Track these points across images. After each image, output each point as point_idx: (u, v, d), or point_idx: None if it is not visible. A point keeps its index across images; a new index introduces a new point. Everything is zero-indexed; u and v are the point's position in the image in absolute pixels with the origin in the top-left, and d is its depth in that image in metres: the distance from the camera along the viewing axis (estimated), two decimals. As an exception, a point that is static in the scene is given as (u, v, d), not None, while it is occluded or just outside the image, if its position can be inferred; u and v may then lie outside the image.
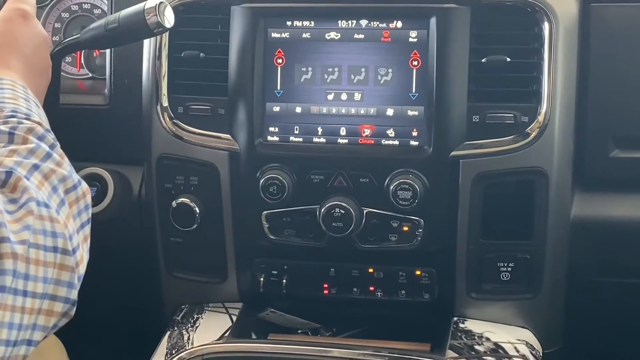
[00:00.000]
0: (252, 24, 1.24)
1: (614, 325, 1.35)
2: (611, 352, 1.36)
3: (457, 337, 1.20)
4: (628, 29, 1.22)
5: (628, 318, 1.34)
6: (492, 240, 1.23)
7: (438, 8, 1.19)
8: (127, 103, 1.33)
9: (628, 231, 1.25)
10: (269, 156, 1.24)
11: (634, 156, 1.24)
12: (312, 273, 1.31)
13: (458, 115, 1.20)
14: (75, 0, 1.43)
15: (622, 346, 1.35)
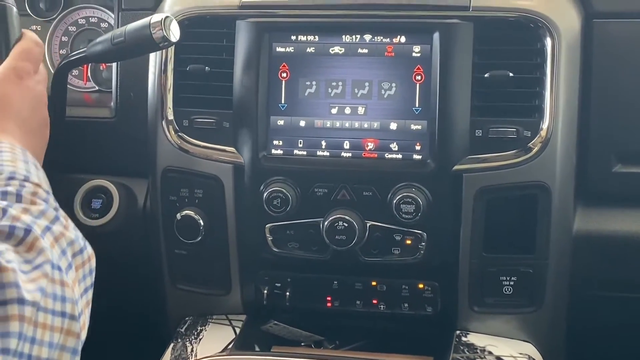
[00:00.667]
0: (257, 38, 1.25)
1: (617, 340, 1.35)
2: None
3: (459, 350, 1.21)
4: (631, 45, 1.22)
5: (631, 333, 1.33)
6: (495, 254, 1.24)
7: (441, 23, 1.20)
8: (133, 116, 1.34)
9: (631, 246, 1.25)
10: (272, 169, 1.24)
11: (637, 171, 1.23)
12: (315, 286, 1.31)
13: (461, 130, 1.21)
14: (82, 14, 1.44)
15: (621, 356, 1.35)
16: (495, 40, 1.22)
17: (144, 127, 1.32)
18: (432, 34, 1.20)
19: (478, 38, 1.21)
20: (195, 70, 1.29)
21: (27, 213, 0.72)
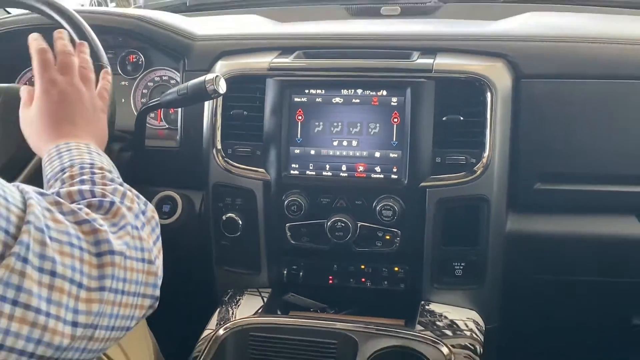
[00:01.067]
0: (280, 92, 1.25)
1: (538, 307, 1.35)
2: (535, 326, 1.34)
3: (424, 315, 1.22)
4: (546, 97, 1.24)
5: (548, 302, 1.35)
6: (449, 246, 1.24)
7: (412, 82, 1.21)
8: (193, 146, 1.35)
9: (546, 241, 1.28)
10: (291, 185, 1.25)
11: (552, 188, 1.25)
12: (320, 268, 1.32)
13: (425, 158, 1.21)
14: (158, 74, 1.47)
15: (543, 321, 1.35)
16: (450, 93, 1.21)
17: (200, 154, 1.33)
18: (406, 89, 1.20)
19: (438, 92, 1.21)
20: (237, 114, 1.30)
21: (105, 191, 0.72)
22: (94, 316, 0.57)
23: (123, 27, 1.43)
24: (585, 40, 1.27)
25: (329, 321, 1.22)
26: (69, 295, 0.54)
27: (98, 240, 0.59)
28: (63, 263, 0.54)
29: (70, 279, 0.54)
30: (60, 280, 0.53)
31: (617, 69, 1.22)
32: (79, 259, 0.56)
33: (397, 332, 1.17)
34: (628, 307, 1.37)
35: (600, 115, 1.24)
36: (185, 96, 1.21)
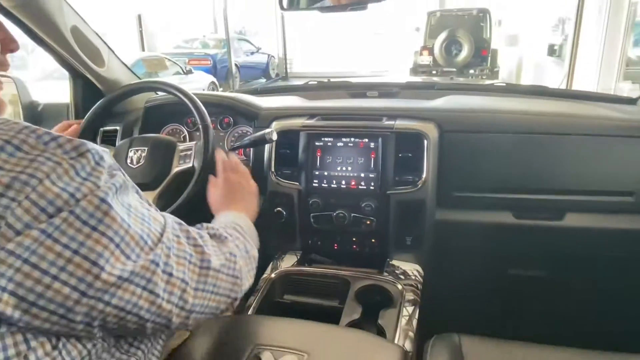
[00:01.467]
0: (307, 139, 1.27)
1: (452, 262, 1.34)
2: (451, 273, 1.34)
3: (388, 267, 1.23)
4: (459, 142, 1.25)
5: (457, 259, 1.34)
6: (403, 227, 1.24)
7: (382, 134, 1.22)
8: (259, 169, 1.35)
9: (458, 225, 1.28)
10: (313, 192, 1.27)
11: (461, 195, 1.26)
12: (329, 239, 1.32)
13: (390, 177, 1.22)
14: (239, 129, 1.43)
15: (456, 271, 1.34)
16: (404, 141, 1.22)
17: (262, 174, 1.33)
18: (379, 138, 1.22)
19: (397, 140, 1.22)
20: (283, 152, 1.31)
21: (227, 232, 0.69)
22: (192, 305, 0.54)
23: (222, 103, 1.44)
24: (481, 111, 1.28)
25: (334, 270, 1.23)
26: (178, 289, 0.51)
27: (203, 259, 0.56)
28: (177, 269, 0.51)
29: (181, 279, 0.52)
30: (174, 279, 0.50)
31: (500, 127, 1.23)
32: (188, 269, 0.53)
33: (372, 276, 1.18)
34: (504, 262, 1.36)
35: (490, 152, 1.23)
36: (255, 141, 1.23)
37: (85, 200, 0.41)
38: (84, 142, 0.43)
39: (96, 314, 0.43)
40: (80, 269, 0.40)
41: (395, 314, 1.05)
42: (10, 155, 0.39)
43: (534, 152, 1.21)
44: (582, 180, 1.19)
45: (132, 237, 0.45)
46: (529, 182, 1.22)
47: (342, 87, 1.65)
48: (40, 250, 0.38)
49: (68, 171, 0.41)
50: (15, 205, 0.37)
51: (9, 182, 0.37)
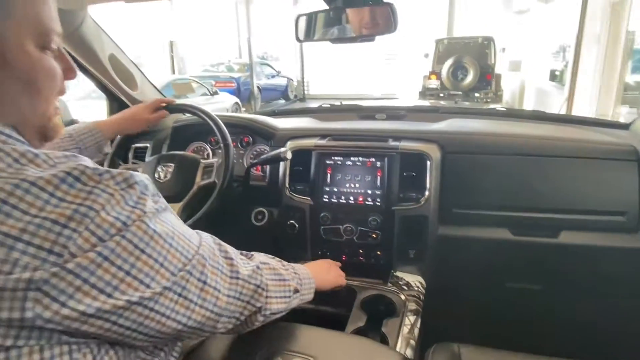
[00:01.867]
0: (319, 158, 1.28)
1: (453, 274, 1.32)
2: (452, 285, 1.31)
3: (392, 278, 1.22)
4: (460, 163, 1.24)
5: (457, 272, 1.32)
6: (407, 241, 1.23)
7: (387, 154, 1.22)
8: (274, 185, 1.37)
9: (458, 240, 1.26)
10: (323, 206, 1.26)
11: (462, 211, 1.25)
12: (338, 251, 1.28)
13: (395, 195, 1.21)
14: (257, 147, 1.44)
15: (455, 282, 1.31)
16: (408, 160, 1.22)
17: (277, 189, 1.34)
18: (385, 158, 1.23)
19: (402, 160, 1.22)
20: (297, 170, 1.31)
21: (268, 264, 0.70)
22: (222, 309, 0.56)
23: (242, 123, 1.46)
24: (481, 134, 1.28)
25: None
26: (211, 295, 0.53)
27: (232, 270, 0.59)
28: (211, 278, 0.53)
29: (214, 287, 0.54)
30: (207, 287, 0.53)
31: (499, 149, 1.22)
32: (220, 278, 0.55)
33: (377, 287, 1.18)
34: (502, 275, 1.32)
35: (489, 172, 1.22)
36: (271, 159, 1.24)
37: (135, 225, 0.43)
38: (133, 173, 0.46)
39: (141, 319, 0.45)
40: (130, 287, 0.43)
41: (398, 323, 1.04)
42: (70, 187, 0.41)
43: (531, 173, 1.20)
44: (576, 200, 1.18)
45: (173, 254, 0.47)
46: (525, 201, 1.20)
47: (352, 110, 1.65)
48: (98, 271, 0.40)
49: (120, 201, 0.43)
50: (76, 236, 0.39)
51: (71, 214, 0.40)
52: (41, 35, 0.47)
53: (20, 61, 0.45)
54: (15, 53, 0.44)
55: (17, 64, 0.45)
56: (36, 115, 0.49)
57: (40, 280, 0.38)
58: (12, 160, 0.41)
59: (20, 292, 0.37)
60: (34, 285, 0.38)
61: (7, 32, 0.43)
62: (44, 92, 0.48)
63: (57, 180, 0.40)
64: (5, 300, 0.37)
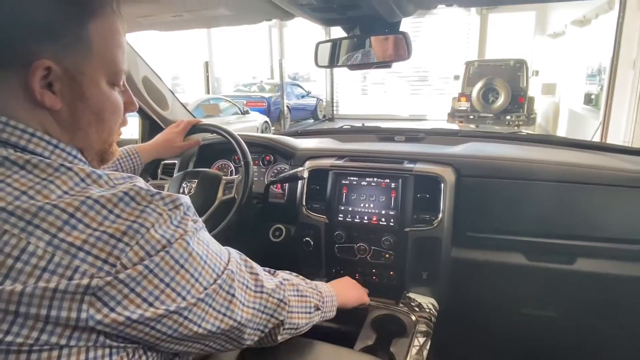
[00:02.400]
0: (335, 178, 1.30)
1: (465, 298, 1.31)
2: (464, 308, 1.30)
3: (404, 299, 1.22)
4: (475, 186, 1.24)
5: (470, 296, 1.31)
6: (420, 262, 1.23)
7: (401, 176, 1.24)
8: (292, 202, 1.39)
9: (471, 263, 1.26)
10: (338, 225, 1.28)
11: (475, 235, 1.25)
12: (352, 269, 1.30)
13: (408, 215, 1.22)
14: (278, 166, 1.49)
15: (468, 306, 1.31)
16: (422, 182, 1.23)
17: (295, 206, 1.37)
18: (399, 179, 1.24)
19: (416, 181, 1.23)
20: (314, 188, 1.33)
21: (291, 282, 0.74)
22: (248, 320, 0.59)
23: (264, 143, 1.50)
24: (496, 158, 1.27)
25: None
26: (238, 308, 0.57)
27: (257, 284, 0.62)
28: (238, 292, 0.57)
29: (239, 300, 0.57)
30: (235, 300, 0.56)
31: (514, 173, 1.22)
32: (246, 292, 0.59)
33: (389, 306, 1.18)
34: (517, 301, 1.31)
35: (504, 196, 1.22)
36: (289, 178, 1.28)
37: (177, 243, 0.48)
38: (179, 196, 0.51)
39: (176, 327, 0.49)
40: (169, 298, 0.47)
41: (407, 344, 1.04)
42: (127, 205, 0.46)
43: (546, 198, 1.19)
44: (593, 226, 1.15)
45: (207, 270, 0.52)
46: (541, 226, 1.19)
47: (372, 131, 1.68)
48: (144, 282, 0.45)
49: (167, 221, 0.48)
50: (128, 250, 0.44)
51: (125, 230, 0.45)
52: (113, 75, 0.54)
53: (95, 96, 0.52)
54: (92, 89, 0.51)
55: (92, 98, 0.52)
56: (100, 141, 0.55)
57: (96, 287, 0.43)
58: (79, 179, 0.47)
59: (79, 296, 0.42)
60: (91, 290, 0.42)
61: (88, 70, 0.50)
62: (109, 123, 0.55)
63: (116, 199, 0.46)
64: (66, 302, 0.42)
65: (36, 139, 0.48)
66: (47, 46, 0.47)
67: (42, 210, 0.43)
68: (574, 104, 7.58)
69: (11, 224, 0.42)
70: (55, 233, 0.43)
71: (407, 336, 1.07)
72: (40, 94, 0.48)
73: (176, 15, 1.08)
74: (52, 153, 0.49)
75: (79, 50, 0.49)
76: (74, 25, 0.48)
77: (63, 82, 0.49)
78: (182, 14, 1.07)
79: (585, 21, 7.41)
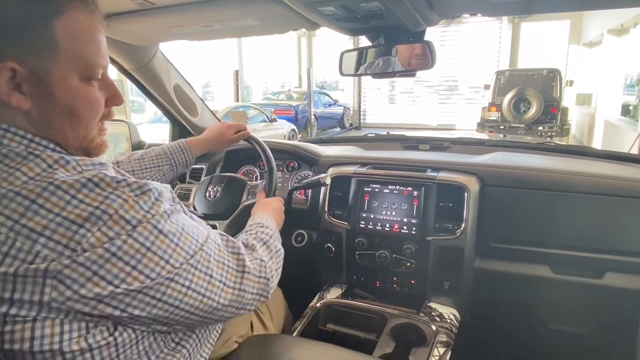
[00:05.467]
0: (358, 185, 1.31)
1: (489, 310, 1.30)
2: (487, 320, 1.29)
3: (425, 308, 1.22)
4: (499, 196, 1.23)
5: (494, 308, 1.30)
6: (442, 272, 1.23)
7: (424, 184, 1.24)
8: (314, 208, 1.41)
9: (496, 274, 1.24)
10: (360, 232, 1.28)
11: (500, 246, 1.24)
12: (372, 277, 1.32)
13: (430, 224, 1.23)
14: (302, 172, 1.52)
15: (491, 319, 1.30)
16: (445, 191, 1.23)
17: (317, 213, 1.39)
18: (422, 187, 1.24)
19: (439, 190, 1.23)
20: (336, 195, 1.35)
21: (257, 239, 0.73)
22: (229, 301, 0.58)
23: (289, 150, 1.52)
24: (521, 168, 1.26)
25: (374, 306, 1.23)
26: (218, 288, 0.56)
27: (240, 263, 0.61)
28: (216, 272, 0.56)
29: (219, 280, 0.57)
30: (214, 280, 0.56)
31: (539, 184, 1.20)
32: (227, 272, 0.58)
33: (410, 315, 1.18)
34: (544, 316, 1.29)
35: (529, 207, 1.20)
36: (311, 184, 1.25)
37: (141, 226, 0.48)
38: (147, 182, 0.51)
39: (150, 308, 0.49)
40: (136, 280, 0.47)
41: (427, 353, 1.04)
42: (90, 191, 0.46)
43: (575, 210, 1.16)
44: (624, 240, 1.12)
45: (179, 251, 0.51)
46: (567, 238, 1.17)
47: (396, 139, 1.69)
48: (107, 265, 0.45)
49: (133, 206, 0.48)
50: (90, 235, 0.45)
51: (87, 216, 0.45)
52: (86, 70, 0.52)
53: (64, 94, 0.50)
54: (61, 88, 0.50)
55: (62, 97, 0.50)
56: (77, 138, 0.54)
57: (55, 270, 0.43)
58: (47, 165, 0.47)
59: (40, 279, 0.43)
60: (51, 274, 0.43)
61: (55, 69, 0.49)
62: (84, 118, 0.53)
63: (79, 185, 0.46)
64: (28, 285, 0.43)
65: (10, 134, 0.49)
66: (11, 48, 0.46)
67: (5, 197, 0.44)
68: (610, 115, 7.31)
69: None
70: (17, 219, 0.44)
71: (426, 346, 1.06)
72: (8, 95, 0.47)
73: (207, 26, 1.11)
74: (28, 147, 0.49)
75: (45, 50, 0.48)
76: (39, 25, 0.47)
77: (30, 83, 0.48)
78: (212, 25, 1.10)
79: (623, 30, 7.17)
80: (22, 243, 0.43)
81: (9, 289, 0.43)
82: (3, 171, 0.46)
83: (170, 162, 1.09)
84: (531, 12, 1.11)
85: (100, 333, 0.48)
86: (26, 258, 0.43)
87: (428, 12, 0.95)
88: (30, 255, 0.43)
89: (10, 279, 0.43)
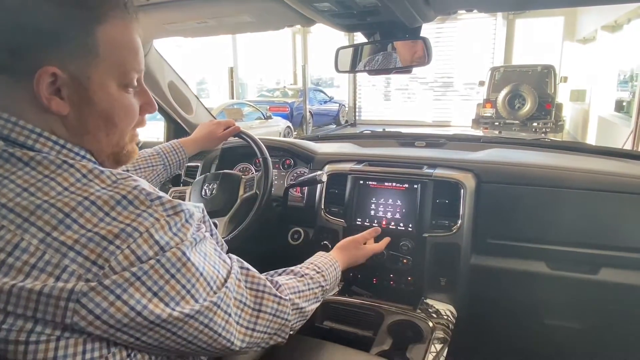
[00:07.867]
0: (354, 182, 1.30)
1: (484, 306, 1.29)
2: (483, 316, 1.29)
3: (422, 304, 1.21)
4: (495, 192, 1.22)
5: (489, 304, 1.30)
6: (438, 268, 1.22)
7: (421, 181, 1.23)
8: (310, 206, 1.40)
9: (491, 270, 1.24)
10: (356, 229, 1.25)
11: (496, 242, 1.24)
12: (369, 274, 1.30)
13: (427, 221, 1.22)
14: (298, 169, 1.53)
15: (487, 315, 1.30)
16: (442, 188, 1.22)
17: (313, 210, 1.38)
18: (418, 184, 1.23)
19: (435, 187, 1.23)
20: (333, 192, 1.34)
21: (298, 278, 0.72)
22: (241, 341, 0.56)
23: (284, 147, 1.52)
24: (517, 165, 1.26)
25: (371, 303, 1.22)
26: (234, 328, 0.55)
27: (257, 301, 0.59)
28: (235, 312, 0.55)
29: (236, 321, 0.55)
30: (231, 319, 0.54)
31: (535, 180, 1.20)
32: (243, 310, 0.57)
33: (406, 312, 1.17)
34: (540, 311, 1.29)
35: (525, 203, 1.20)
36: (307, 181, 1.29)
37: (171, 251, 0.46)
38: (181, 202, 0.49)
39: (163, 339, 0.48)
40: (157, 308, 0.46)
41: (424, 350, 1.04)
42: (124, 208, 0.45)
43: (570, 206, 1.16)
44: (619, 236, 1.12)
45: (201, 283, 0.49)
46: (562, 234, 1.17)
47: (392, 136, 1.68)
48: (131, 289, 0.44)
49: (164, 226, 0.46)
50: (118, 252, 0.43)
51: (118, 233, 0.44)
52: (123, 76, 0.52)
53: (103, 100, 0.51)
54: (100, 93, 0.50)
55: (100, 103, 0.51)
56: (110, 144, 0.54)
57: (80, 293, 0.42)
58: (81, 175, 0.47)
59: (63, 302, 0.42)
60: (75, 296, 0.42)
61: (95, 75, 0.49)
62: (120, 125, 0.54)
63: (114, 202, 0.45)
64: (50, 307, 0.42)
65: (43, 139, 0.48)
66: (52, 53, 0.47)
67: (40, 208, 0.43)
68: (604, 111, 7.36)
69: (9, 220, 0.43)
70: (49, 231, 0.43)
71: (423, 342, 1.06)
72: (48, 100, 0.48)
73: (201, 22, 1.11)
74: (59, 153, 0.49)
75: (85, 55, 0.48)
76: (80, 31, 0.48)
77: (70, 88, 0.49)
78: (207, 21, 1.09)
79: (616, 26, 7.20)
80: (51, 256, 0.42)
81: (31, 308, 0.42)
82: (37, 179, 0.46)
83: (163, 162, 1.09)
84: (526, 8, 1.12)
85: (119, 352, 0.47)
86: (53, 272, 0.42)
87: (424, 8, 0.94)
88: (57, 269, 0.42)
89: (34, 297, 0.42)
